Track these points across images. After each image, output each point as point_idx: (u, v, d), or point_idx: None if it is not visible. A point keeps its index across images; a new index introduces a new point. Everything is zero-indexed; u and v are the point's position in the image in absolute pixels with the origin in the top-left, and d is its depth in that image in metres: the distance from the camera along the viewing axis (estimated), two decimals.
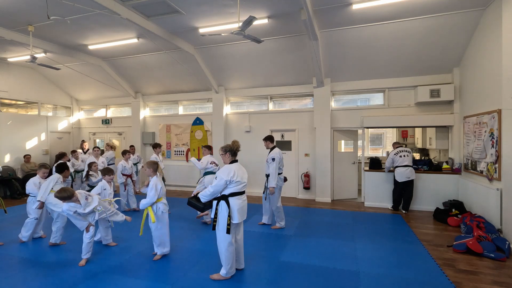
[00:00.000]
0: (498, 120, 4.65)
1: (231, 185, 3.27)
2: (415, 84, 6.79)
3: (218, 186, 3.25)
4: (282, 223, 5.21)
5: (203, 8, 5.23)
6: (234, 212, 3.27)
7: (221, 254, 3.34)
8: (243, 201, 3.38)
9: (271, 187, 4.92)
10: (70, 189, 3.65)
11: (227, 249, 3.29)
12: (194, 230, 5.18)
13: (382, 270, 3.60)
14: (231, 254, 3.32)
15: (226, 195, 3.29)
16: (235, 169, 3.30)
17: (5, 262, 3.90)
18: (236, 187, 3.30)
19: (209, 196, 3.31)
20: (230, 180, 3.24)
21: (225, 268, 3.33)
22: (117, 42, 6.81)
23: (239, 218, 3.31)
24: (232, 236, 3.34)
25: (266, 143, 5.22)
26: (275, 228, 5.21)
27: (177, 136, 9.19)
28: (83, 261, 3.76)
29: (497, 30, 4.70)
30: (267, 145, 5.21)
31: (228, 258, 3.30)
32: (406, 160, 6.20)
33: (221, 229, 3.28)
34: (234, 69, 7.72)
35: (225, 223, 3.25)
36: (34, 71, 9.31)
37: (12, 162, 8.51)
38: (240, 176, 3.31)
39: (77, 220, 3.75)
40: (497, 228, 4.54)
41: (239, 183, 3.31)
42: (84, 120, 10.72)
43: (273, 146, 5.19)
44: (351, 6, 5.11)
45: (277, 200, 5.11)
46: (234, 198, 3.30)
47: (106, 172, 4.56)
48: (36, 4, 5.09)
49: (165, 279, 3.39)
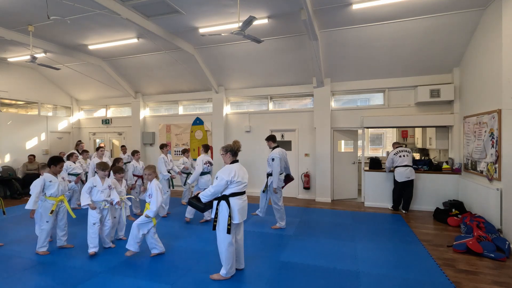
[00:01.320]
0: (498, 120, 4.65)
1: (232, 185, 3.27)
2: (415, 84, 6.79)
3: (219, 186, 3.25)
4: (282, 223, 5.20)
5: (203, 8, 5.23)
6: (235, 212, 3.27)
7: (221, 254, 3.33)
8: (243, 201, 3.38)
9: (274, 188, 4.96)
10: (107, 165, 4.27)
11: (227, 249, 3.28)
12: (194, 230, 5.17)
13: (382, 270, 3.60)
14: (231, 254, 3.32)
15: (227, 195, 3.29)
16: (236, 169, 3.30)
17: (5, 262, 3.89)
18: (237, 187, 3.29)
19: (210, 196, 3.30)
20: (231, 180, 3.24)
21: (225, 268, 3.33)
22: (117, 42, 6.81)
23: (239, 218, 3.30)
24: (232, 236, 3.34)
25: (268, 143, 5.22)
26: (275, 228, 5.20)
27: (177, 136, 9.18)
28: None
29: (497, 30, 4.70)
30: (270, 145, 5.21)
31: (228, 258, 3.30)
32: (406, 160, 6.20)
33: (221, 229, 3.28)
34: (234, 69, 7.72)
35: (225, 223, 3.24)
36: (34, 71, 9.31)
37: (12, 162, 8.51)
38: (241, 176, 3.31)
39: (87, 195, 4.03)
40: (497, 228, 4.54)
41: (240, 183, 3.30)
42: (84, 120, 10.72)
43: (275, 146, 5.17)
44: (351, 6, 5.11)
45: (279, 199, 5.10)
46: (235, 198, 3.30)
47: (117, 170, 4.60)
48: (36, 4, 5.09)
49: (165, 279, 3.38)
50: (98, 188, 4.12)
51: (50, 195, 4.09)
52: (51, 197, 4.10)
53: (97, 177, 4.19)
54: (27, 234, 4.87)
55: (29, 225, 5.33)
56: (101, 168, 4.20)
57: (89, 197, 4.05)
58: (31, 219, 4.27)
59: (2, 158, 8.27)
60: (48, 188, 4.08)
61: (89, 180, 4.20)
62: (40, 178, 4.10)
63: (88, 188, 4.08)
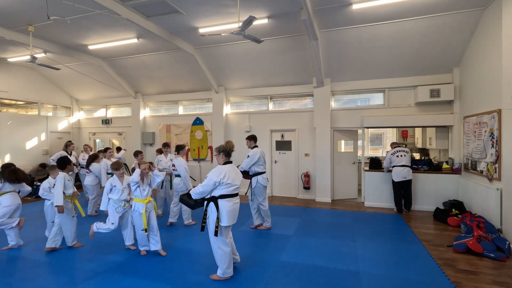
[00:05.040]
0: (498, 120, 4.65)
1: (221, 186, 3.21)
2: (415, 84, 6.79)
3: (207, 186, 3.21)
4: (268, 222, 5.16)
5: (203, 8, 5.23)
6: (223, 215, 3.22)
7: (214, 255, 3.34)
8: (233, 203, 3.31)
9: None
10: (120, 163, 4.22)
11: (220, 250, 3.27)
12: (194, 230, 5.17)
13: (382, 270, 3.60)
14: (226, 254, 3.28)
15: (216, 197, 3.23)
16: (227, 170, 3.24)
17: (5, 262, 3.90)
18: (227, 189, 3.23)
19: (198, 195, 3.27)
20: (219, 182, 3.17)
21: (220, 269, 3.32)
22: (117, 42, 6.81)
23: (228, 221, 3.24)
24: (226, 236, 3.33)
25: (250, 142, 5.12)
26: (259, 227, 5.18)
27: (177, 136, 9.19)
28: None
29: (497, 30, 4.70)
30: (250, 144, 5.11)
31: (223, 258, 3.28)
32: (403, 160, 6.20)
33: (210, 231, 3.27)
34: (234, 69, 7.72)
35: (213, 226, 3.21)
36: (34, 71, 9.31)
37: (12, 162, 8.48)
38: (231, 178, 3.24)
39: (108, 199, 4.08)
40: (497, 228, 4.54)
41: (230, 186, 3.23)
42: (84, 120, 10.72)
43: (255, 146, 5.11)
44: (351, 6, 5.11)
45: (264, 200, 5.05)
46: (224, 200, 3.23)
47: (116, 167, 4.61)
48: (36, 4, 5.09)
49: (165, 279, 3.38)
50: (118, 188, 4.12)
51: (68, 194, 4.25)
52: (68, 196, 4.26)
53: (115, 177, 4.17)
54: (27, 234, 4.87)
55: (29, 225, 5.33)
56: (115, 168, 4.18)
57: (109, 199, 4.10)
58: (30, 220, 4.31)
59: (2, 158, 8.26)
60: (67, 187, 4.23)
61: (107, 183, 4.19)
62: (61, 177, 4.18)
63: (108, 190, 4.12)
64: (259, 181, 4.99)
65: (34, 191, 8.05)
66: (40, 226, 5.27)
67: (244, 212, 6.23)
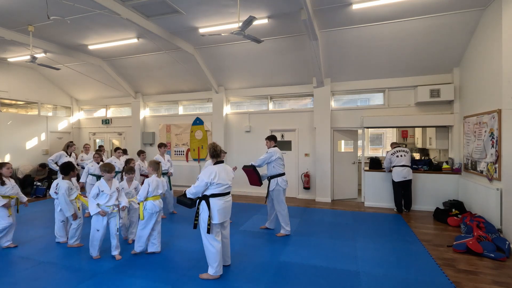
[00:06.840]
0: (498, 120, 4.65)
1: (212, 186, 3.31)
2: (415, 84, 6.79)
3: (199, 187, 3.31)
4: (287, 228, 4.82)
5: (203, 8, 5.23)
6: (214, 213, 3.31)
7: (206, 253, 3.39)
8: (225, 201, 3.40)
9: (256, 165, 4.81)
10: (113, 166, 3.99)
11: (210, 246, 3.33)
12: (194, 230, 5.14)
13: (382, 270, 3.60)
14: (217, 252, 3.34)
15: (207, 196, 3.34)
16: (217, 170, 3.33)
17: (5, 262, 3.90)
18: (217, 189, 3.33)
19: (192, 195, 3.38)
20: (210, 182, 3.28)
21: (212, 268, 3.35)
22: (117, 42, 6.81)
23: (219, 219, 3.33)
24: (217, 235, 3.38)
25: (270, 143, 4.96)
26: (280, 235, 4.81)
27: (177, 136, 9.18)
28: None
29: (497, 30, 4.70)
30: (270, 145, 4.96)
31: (214, 256, 3.33)
32: (403, 160, 6.20)
33: (202, 228, 3.36)
34: (234, 69, 7.72)
35: (205, 223, 3.31)
36: (34, 71, 9.31)
37: (12, 162, 8.48)
38: (222, 178, 3.33)
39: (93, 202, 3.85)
40: (497, 228, 4.54)
41: (221, 185, 3.33)
42: (84, 120, 10.72)
43: (275, 145, 4.99)
44: (351, 6, 5.10)
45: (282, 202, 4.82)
46: (215, 199, 3.33)
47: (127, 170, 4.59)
48: (36, 4, 5.09)
49: (165, 279, 3.38)
50: (106, 193, 3.83)
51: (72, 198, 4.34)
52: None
53: (103, 181, 3.88)
54: (27, 234, 4.87)
55: (29, 225, 5.34)
56: (106, 169, 3.88)
57: (97, 204, 3.82)
58: (30, 220, 4.34)
59: (2, 158, 8.25)
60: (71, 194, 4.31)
61: (94, 186, 3.88)
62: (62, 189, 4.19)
63: (94, 194, 3.82)
64: (279, 183, 4.76)
65: (34, 191, 8.07)
66: (40, 226, 5.27)
67: (244, 213, 6.25)
